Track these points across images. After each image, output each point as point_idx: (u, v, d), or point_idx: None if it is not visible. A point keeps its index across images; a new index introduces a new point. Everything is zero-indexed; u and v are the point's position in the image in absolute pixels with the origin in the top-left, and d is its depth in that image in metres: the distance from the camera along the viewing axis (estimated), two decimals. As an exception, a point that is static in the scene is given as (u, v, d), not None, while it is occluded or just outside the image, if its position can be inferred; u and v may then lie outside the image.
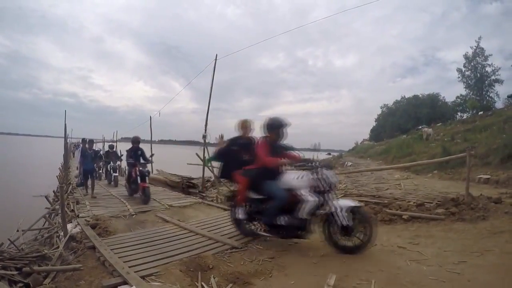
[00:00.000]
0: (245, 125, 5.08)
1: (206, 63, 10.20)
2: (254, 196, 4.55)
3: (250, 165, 4.53)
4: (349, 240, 3.94)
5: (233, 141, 5.07)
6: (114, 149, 14.25)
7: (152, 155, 10.04)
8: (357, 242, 3.88)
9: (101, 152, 14.54)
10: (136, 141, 9.34)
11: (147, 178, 8.96)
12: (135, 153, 9.13)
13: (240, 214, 4.75)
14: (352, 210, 3.90)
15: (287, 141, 4.62)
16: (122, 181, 12.54)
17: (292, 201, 4.07)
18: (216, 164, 8.39)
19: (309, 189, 4.02)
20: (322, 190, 3.99)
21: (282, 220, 4.17)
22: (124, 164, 13.12)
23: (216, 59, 9.84)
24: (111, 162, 13.00)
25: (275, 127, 4.46)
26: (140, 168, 8.78)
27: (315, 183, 4.02)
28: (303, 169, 4.22)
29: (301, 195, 3.99)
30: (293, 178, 4.18)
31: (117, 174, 12.75)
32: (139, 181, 8.65)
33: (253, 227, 4.78)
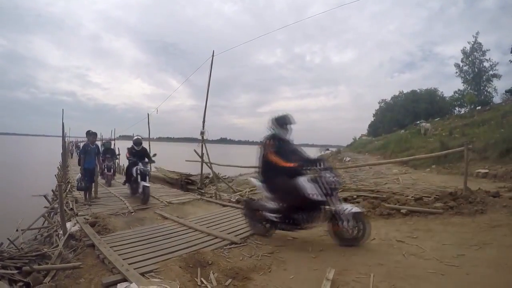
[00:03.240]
0: None
1: (203, 60, 10.16)
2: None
3: None
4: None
5: None
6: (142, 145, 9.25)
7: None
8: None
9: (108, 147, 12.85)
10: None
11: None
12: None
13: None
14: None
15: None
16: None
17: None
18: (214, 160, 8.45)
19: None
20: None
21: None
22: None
23: (213, 56, 9.82)
24: (140, 164, 8.36)
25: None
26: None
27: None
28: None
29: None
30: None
31: (148, 185, 8.06)
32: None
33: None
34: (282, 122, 4.62)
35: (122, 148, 22.01)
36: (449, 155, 10.16)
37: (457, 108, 46.19)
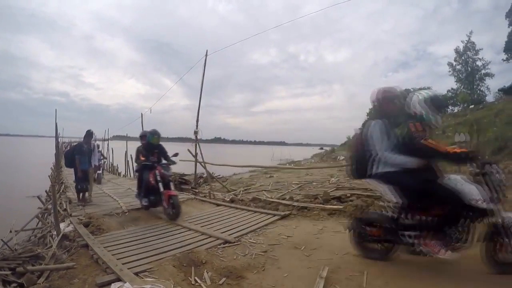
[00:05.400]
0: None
1: (197, 59, 10.16)
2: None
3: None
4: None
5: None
6: None
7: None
8: None
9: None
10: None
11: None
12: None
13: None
14: None
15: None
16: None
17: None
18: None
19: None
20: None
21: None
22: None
23: (206, 55, 9.83)
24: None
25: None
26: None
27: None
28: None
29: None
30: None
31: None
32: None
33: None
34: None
35: (116, 149, 22.00)
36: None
37: (450, 107, 46.61)
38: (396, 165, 3.23)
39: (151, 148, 6.91)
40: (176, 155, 7.26)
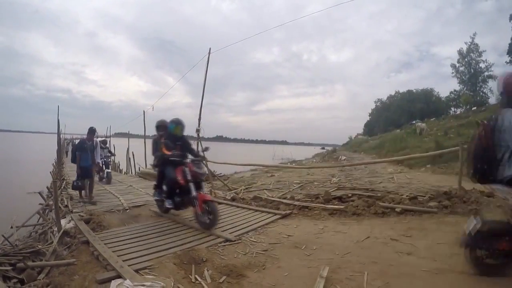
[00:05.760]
0: None
1: (200, 57, 10.11)
2: None
3: None
4: None
5: None
6: None
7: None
8: None
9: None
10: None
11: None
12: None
13: None
14: None
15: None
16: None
17: None
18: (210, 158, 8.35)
19: None
20: None
21: None
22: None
23: (209, 53, 9.80)
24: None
25: None
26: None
27: None
28: None
29: None
30: None
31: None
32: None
33: None
34: None
35: (118, 146, 22.02)
36: (444, 155, 10.22)
37: (452, 109, 46.59)
38: None
39: (173, 140, 5.82)
40: (206, 149, 6.91)
